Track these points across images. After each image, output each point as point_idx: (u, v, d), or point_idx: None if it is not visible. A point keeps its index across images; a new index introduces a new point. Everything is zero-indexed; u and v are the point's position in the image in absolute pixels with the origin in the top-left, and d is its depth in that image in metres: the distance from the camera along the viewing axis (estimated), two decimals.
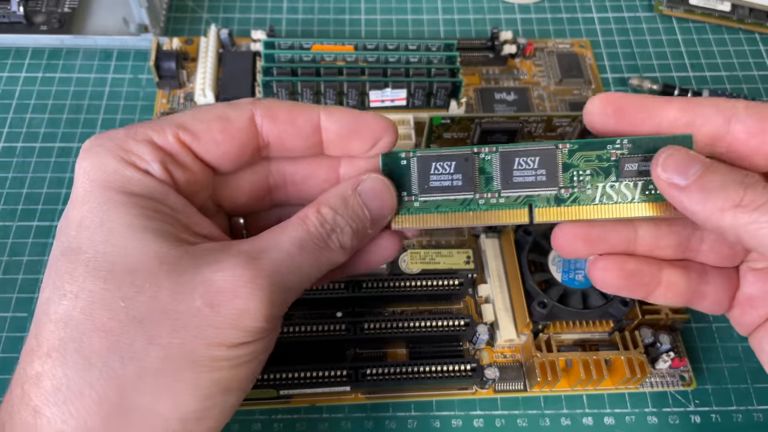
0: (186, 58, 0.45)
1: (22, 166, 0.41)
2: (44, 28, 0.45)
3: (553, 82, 0.46)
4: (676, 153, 0.22)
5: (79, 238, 0.21)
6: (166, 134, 0.23)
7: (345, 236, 0.23)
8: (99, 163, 0.22)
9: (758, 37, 0.50)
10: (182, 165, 0.23)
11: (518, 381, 0.34)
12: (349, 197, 0.23)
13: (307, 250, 0.22)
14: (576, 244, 0.25)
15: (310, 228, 0.22)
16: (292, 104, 0.24)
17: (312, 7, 0.50)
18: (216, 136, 0.23)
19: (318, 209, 0.23)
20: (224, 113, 0.23)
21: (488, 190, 0.24)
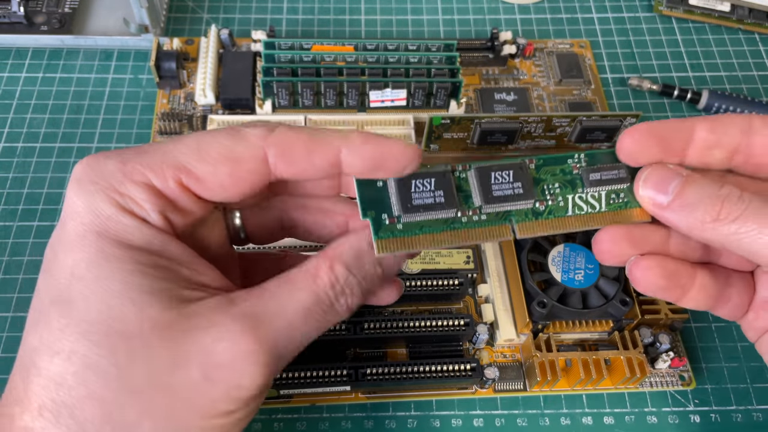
0: (186, 58, 0.45)
1: (22, 166, 0.41)
2: (45, 29, 0.45)
3: (552, 83, 0.46)
4: (655, 170, 0.23)
5: (71, 289, 0.19)
6: (166, 178, 0.21)
7: (354, 299, 0.22)
8: (93, 206, 0.20)
9: (758, 38, 0.50)
10: (183, 211, 0.22)
11: (518, 381, 0.35)
12: (364, 254, 0.22)
13: (313, 319, 0.21)
14: (622, 246, 0.24)
15: (320, 291, 0.21)
16: (308, 137, 0.22)
17: (312, 8, 0.50)
18: (223, 181, 0.21)
19: (331, 266, 0.21)
20: (233, 152, 0.21)
21: (469, 207, 0.23)
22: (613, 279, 0.34)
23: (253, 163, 0.21)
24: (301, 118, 0.41)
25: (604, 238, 0.24)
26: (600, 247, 0.24)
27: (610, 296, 0.33)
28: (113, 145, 0.42)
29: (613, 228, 0.24)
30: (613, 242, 0.24)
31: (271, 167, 0.22)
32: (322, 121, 0.41)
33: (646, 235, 0.24)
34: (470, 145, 0.41)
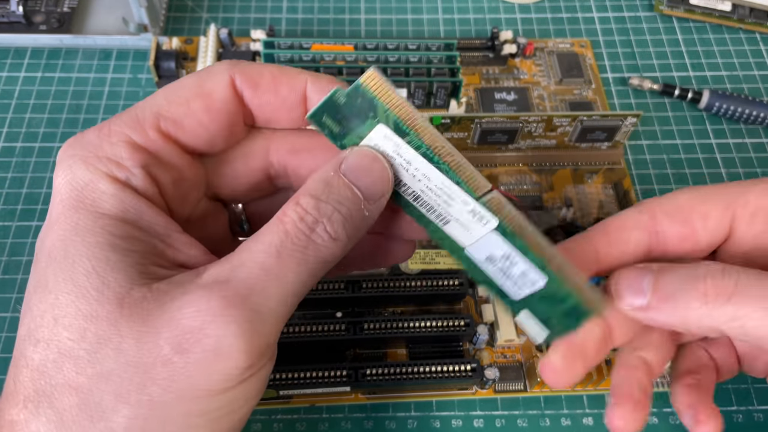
0: (185, 57, 0.45)
1: (21, 165, 0.41)
2: (43, 28, 0.45)
3: (553, 82, 0.46)
4: (623, 275, 0.22)
5: (47, 272, 0.19)
6: (145, 129, 0.20)
7: (335, 224, 0.19)
8: (71, 177, 0.19)
9: (759, 37, 0.50)
10: (168, 164, 0.20)
11: (518, 381, 0.34)
12: (331, 179, 0.20)
13: (288, 255, 0.19)
14: (576, 368, 0.22)
15: (288, 227, 0.19)
16: (274, 69, 0.21)
17: (312, 7, 0.50)
18: (200, 117, 0.20)
19: (297, 201, 0.20)
20: (201, 87, 0.21)
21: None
22: None
23: (223, 92, 0.21)
24: None
25: (554, 368, 0.22)
26: (551, 377, 0.22)
27: None
28: None
29: (554, 358, 0.22)
30: (565, 371, 0.22)
31: (240, 94, 0.21)
32: None
33: (589, 348, 0.22)
34: (470, 144, 0.40)
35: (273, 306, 0.19)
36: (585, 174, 0.42)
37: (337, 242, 0.20)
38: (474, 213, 0.21)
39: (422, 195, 0.21)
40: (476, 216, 0.21)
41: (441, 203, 0.21)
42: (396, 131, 0.20)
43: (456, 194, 0.21)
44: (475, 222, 0.21)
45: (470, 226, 0.21)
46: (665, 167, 0.43)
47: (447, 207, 0.21)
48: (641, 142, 0.44)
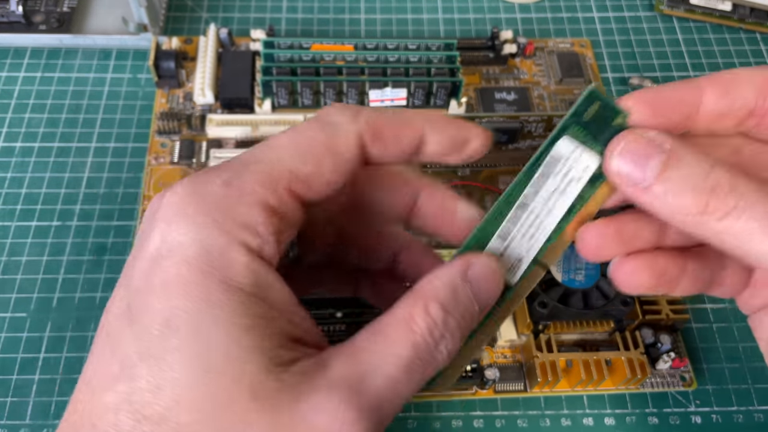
0: (185, 57, 0.45)
1: (20, 165, 0.41)
2: (43, 28, 0.45)
3: (553, 82, 0.46)
4: (633, 142, 0.20)
5: (165, 344, 0.17)
6: (279, 190, 0.18)
7: (455, 340, 0.19)
8: (200, 239, 0.17)
9: (759, 37, 0.50)
10: (292, 227, 0.19)
11: (518, 381, 0.34)
12: (459, 288, 0.20)
13: (416, 372, 0.19)
14: (610, 245, 0.21)
15: (418, 340, 0.19)
16: (394, 119, 0.21)
17: (311, 7, 0.50)
18: (329, 177, 0.19)
19: (426, 308, 0.19)
20: (331, 144, 0.20)
21: None
22: None
23: (353, 151, 0.20)
24: (301, 118, 0.41)
25: (589, 235, 0.21)
26: (585, 244, 0.22)
27: (611, 296, 0.33)
28: (112, 145, 0.42)
29: (601, 224, 0.22)
30: (602, 239, 0.21)
31: (367, 151, 0.20)
32: None
33: (638, 229, 0.22)
34: None
35: (391, 415, 0.19)
36: None
37: (450, 356, 0.20)
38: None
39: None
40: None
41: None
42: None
43: None
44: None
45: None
46: None
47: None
48: None
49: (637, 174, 0.19)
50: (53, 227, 0.39)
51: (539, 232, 0.22)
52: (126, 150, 0.42)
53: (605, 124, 0.21)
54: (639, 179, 0.19)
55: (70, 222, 0.39)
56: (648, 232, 0.22)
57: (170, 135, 0.42)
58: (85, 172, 0.41)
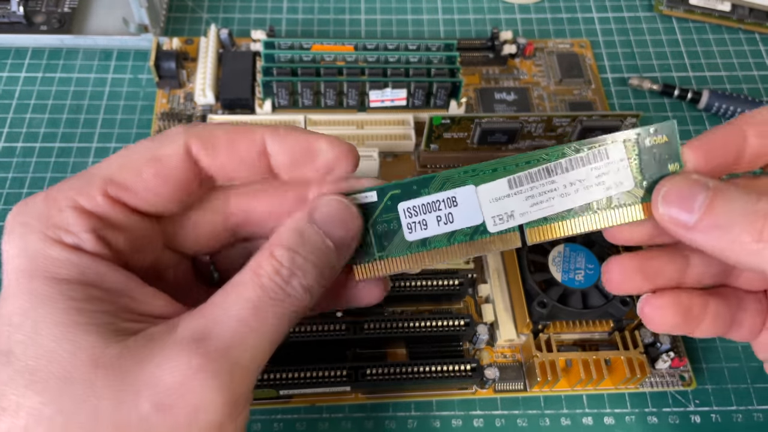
0: (186, 58, 0.45)
1: (22, 166, 0.41)
2: (44, 28, 0.45)
3: (553, 82, 0.46)
4: (676, 184, 0.20)
5: (10, 340, 0.18)
6: (93, 194, 0.20)
7: (308, 277, 0.20)
8: (22, 246, 0.19)
9: (758, 37, 0.50)
10: (118, 226, 0.21)
11: (518, 381, 0.34)
12: (305, 230, 0.21)
13: (265, 309, 0.19)
14: (634, 279, 0.22)
15: (264, 281, 0.19)
16: (231, 129, 0.22)
17: (312, 7, 0.50)
18: (150, 183, 0.21)
19: (271, 253, 0.20)
20: (155, 153, 0.21)
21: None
22: None
23: (176, 159, 0.21)
24: (301, 118, 0.41)
25: (614, 269, 0.22)
26: (610, 278, 0.23)
27: (610, 296, 0.33)
28: (112, 145, 0.42)
29: (625, 258, 0.22)
30: (624, 275, 0.22)
31: (196, 161, 0.21)
32: (322, 120, 0.41)
33: (661, 266, 0.22)
34: (470, 144, 0.41)
35: (252, 357, 0.19)
36: None
37: (310, 293, 0.20)
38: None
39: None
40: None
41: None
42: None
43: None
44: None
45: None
46: None
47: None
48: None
49: (684, 212, 0.20)
50: None
51: (545, 205, 0.22)
52: None
53: (659, 161, 0.22)
54: (686, 217, 0.20)
55: None
56: (671, 270, 0.23)
57: None
58: None
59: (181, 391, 0.18)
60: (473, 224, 0.22)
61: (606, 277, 0.23)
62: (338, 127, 0.41)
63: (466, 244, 0.22)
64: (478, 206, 0.22)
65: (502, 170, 0.22)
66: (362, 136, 0.41)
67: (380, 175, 0.40)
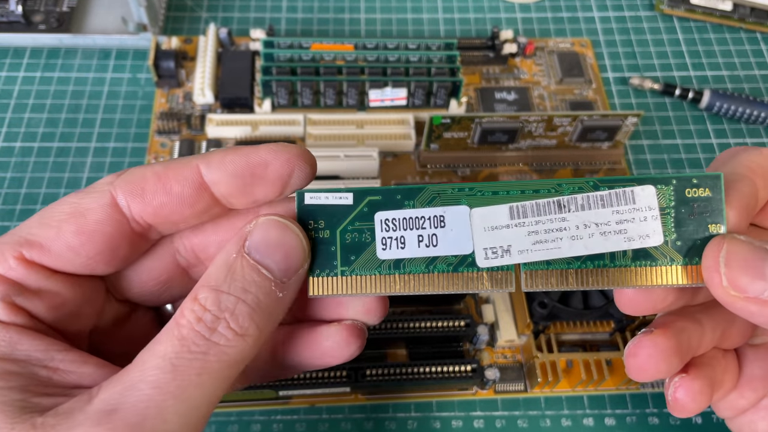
0: (185, 57, 0.45)
1: (20, 166, 0.41)
2: (43, 28, 0.45)
3: (553, 82, 0.46)
4: (737, 247, 0.17)
5: None
6: (4, 257, 0.18)
7: (240, 317, 0.17)
8: None
9: (759, 37, 0.50)
10: (37, 291, 0.18)
11: (519, 382, 0.34)
12: (233, 263, 0.18)
13: (185, 367, 0.16)
14: (672, 362, 0.19)
15: (184, 332, 0.17)
16: (158, 168, 0.19)
17: (311, 6, 0.50)
18: (70, 241, 0.18)
19: (195, 297, 0.17)
20: (77, 207, 0.18)
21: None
22: None
23: (101, 212, 0.18)
24: (301, 118, 0.41)
25: (647, 353, 0.19)
26: (641, 365, 0.19)
27: (611, 297, 0.33)
28: (111, 145, 0.42)
29: (660, 338, 0.19)
30: (663, 359, 0.19)
31: (125, 211, 0.19)
32: (322, 120, 0.41)
33: (691, 337, 0.20)
34: (471, 144, 0.40)
35: (174, 428, 0.16)
36: (586, 174, 0.42)
37: (245, 338, 0.17)
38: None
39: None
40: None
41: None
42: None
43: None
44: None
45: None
46: (666, 167, 0.43)
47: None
48: (642, 141, 0.44)
49: (756, 281, 0.17)
50: None
51: (550, 245, 0.18)
52: (126, 150, 0.42)
53: (697, 218, 0.18)
54: (759, 287, 0.17)
55: None
56: (696, 342, 0.20)
57: (170, 135, 0.42)
58: (85, 172, 0.41)
59: None
60: (460, 253, 0.19)
61: (635, 363, 0.19)
62: (338, 127, 0.41)
63: (448, 275, 0.19)
64: (469, 232, 0.19)
65: (504, 195, 0.19)
66: (362, 135, 0.41)
67: (380, 175, 0.40)
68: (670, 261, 0.18)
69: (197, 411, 0.17)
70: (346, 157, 0.38)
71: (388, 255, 0.19)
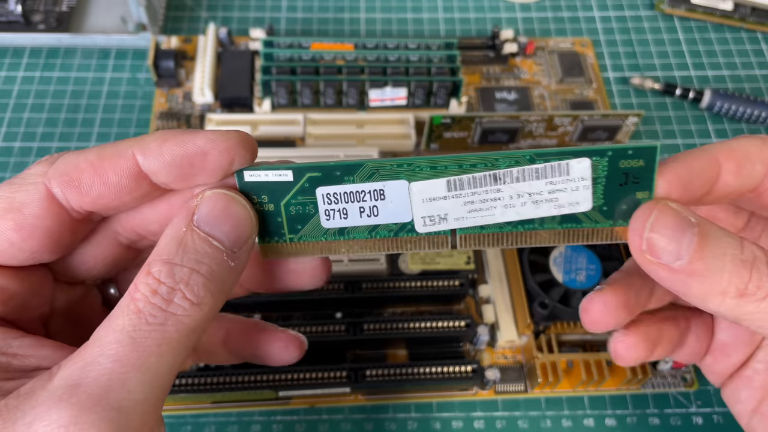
0: (184, 56, 0.45)
1: (20, 166, 0.41)
2: (42, 27, 0.45)
3: (554, 81, 0.46)
4: (664, 213, 0.18)
5: None
6: None
7: (195, 287, 0.17)
8: None
9: (760, 36, 0.50)
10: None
11: (519, 382, 0.34)
12: (184, 236, 0.18)
13: (144, 338, 0.17)
14: (619, 316, 0.21)
15: (140, 305, 0.17)
16: (92, 156, 0.19)
17: (311, 6, 0.50)
18: (10, 237, 0.18)
19: (148, 271, 0.17)
20: (11, 203, 0.18)
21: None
22: None
23: (37, 206, 0.18)
24: (300, 117, 0.41)
25: (597, 309, 0.21)
26: (593, 318, 0.21)
27: None
28: None
29: (608, 294, 0.21)
30: (608, 313, 0.21)
31: (63, 202, 0.19)
32: (322, 120, 0.41)
33: (639, 293, 0.21)
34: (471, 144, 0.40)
35: (139, 397, 0.16)
36: None
37: (201, 306, 0.18)
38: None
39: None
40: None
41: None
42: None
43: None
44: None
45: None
46: None
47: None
48: (643, 141, 0.44)
49: (671, 250, 0.17)
50: None
51: (484, 213, 0.20)
52: None
53: (627, 186, 0.19)
54: (673, 256, 0.17)
55: None
56: (644, 297, 0.22)
57: None
58: None
59: None
60: (400, 221, 0.20)
61: (588, 318, 0.21)
62: (338, 127, 0.41)
63: (389, 239, 0.20)
64: (408, 204, 0.20)
65: (442, 169, 0.20)
66: (362, 135, 0.41)
67: None
68: (594, 224, 0.20)
69: (160, 379, 0.17)
70: (346, 157, 0.38)
71: (332, 224, 0.20)
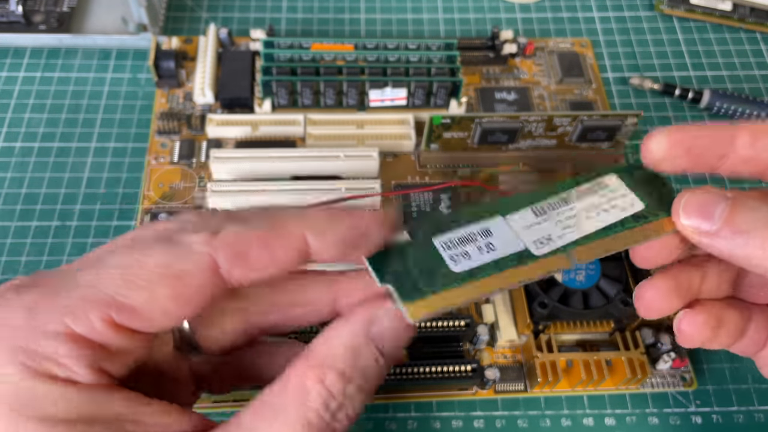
0: (185, 57, 0.45)
1: (20, 166, 0.41)
2: (43, 28, 0.45)
3: (553, 82, 0.46)
4: (695, 196, 0.21)
5: None
6: (90, 318, 0.17)
7: (358, 406, 0.18)
8: (9, 376, 0.16)
9: (759, 37, 0.50)
10: (120, 353, 0.18)
11: (519, 381, 0.34)
12: (362, 349, 0.18)
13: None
14: (672, 301, 0.22)
15: (312, 416, 0.17)
16: (263, 232, 0.18)
17: (311, 7, 0.50)
18: (166, 306, 0.17)
19: (321, 378, 0.17)
20: (172, 268, 0.17)
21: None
22: (615, 279, 0.34)
23: (200, 277, 0.17)
24: (301, 118, 0.41)
25: (650, 295, 0.22)
26: (647, 304, 0.22)
27: (611, 297, 0.33)
28: (111, 145, 0.42)
29: (660, 280, 0.22)
30: (662, 297, 0.22)
31: (225, 275, 0.18)
32: (322, 120, 0.41)
33: (690, 280, 0.22)
34: (471, 144, 0.40)
35: None
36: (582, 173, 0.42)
37: (354, 419, 0.18)
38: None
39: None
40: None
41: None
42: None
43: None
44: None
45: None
46: None
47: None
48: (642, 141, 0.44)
49: (705, 221, 0.20)
50: (53, 227, 0.39)
51: (575, 228, 0.22)
52: (126, 150, 0.42)
53: (655, 185, 0.24)
54: (707, 225, 0.20)
55: (70, 222, 0.39)
56: (696, 284, 0.23)
57: (170, 135, 0.42)
58: (85, 172, 0.41)
59: None
60: (516, 250, 0.22)
61: (642, 303, 0.22)
62: (338, 127, 0.41)
63: (516, 269, 0.21)
64: (513, 234, 0.22)
65: (520, 203, 0.23)
66: (362, 135, 0.41)
67: (380, 176, 0.40)
68: (655, 216, 0.23)
69: None
70: (346, 157, 0.38)
71: (461, 267, 0.21)
